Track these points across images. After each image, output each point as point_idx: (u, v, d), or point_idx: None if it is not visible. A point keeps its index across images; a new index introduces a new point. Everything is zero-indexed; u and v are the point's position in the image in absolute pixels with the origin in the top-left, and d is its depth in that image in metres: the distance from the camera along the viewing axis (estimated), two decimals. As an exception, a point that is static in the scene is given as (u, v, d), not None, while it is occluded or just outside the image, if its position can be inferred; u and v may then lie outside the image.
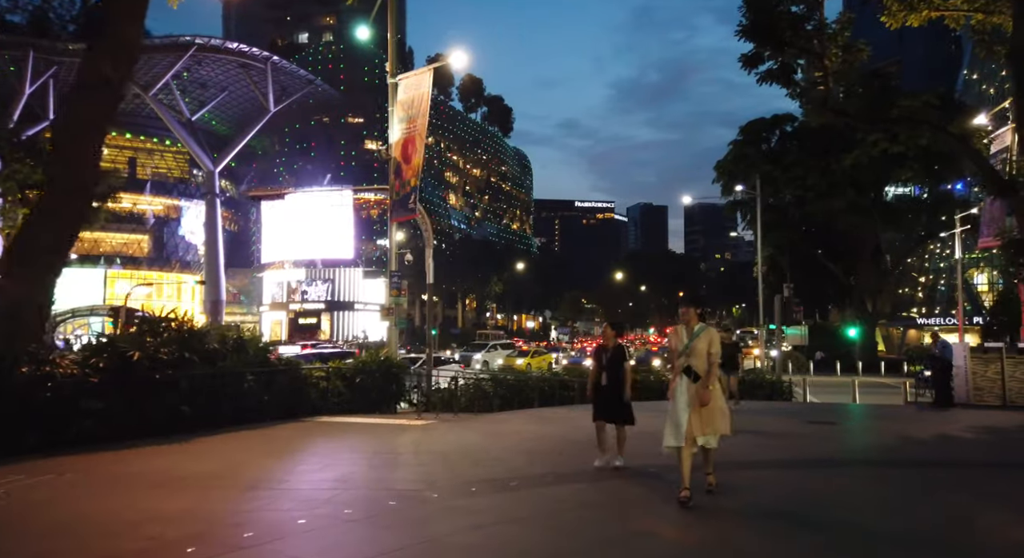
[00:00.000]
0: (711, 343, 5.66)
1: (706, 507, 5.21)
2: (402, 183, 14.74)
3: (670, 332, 6.06)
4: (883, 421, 12.24)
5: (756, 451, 8.23)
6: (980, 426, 11.07)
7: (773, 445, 8.83)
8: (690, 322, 5.79)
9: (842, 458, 7.95)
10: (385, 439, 9.08)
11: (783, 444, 8.87)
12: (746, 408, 14.22)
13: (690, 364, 5.61)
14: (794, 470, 7.14)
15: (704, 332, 5.70)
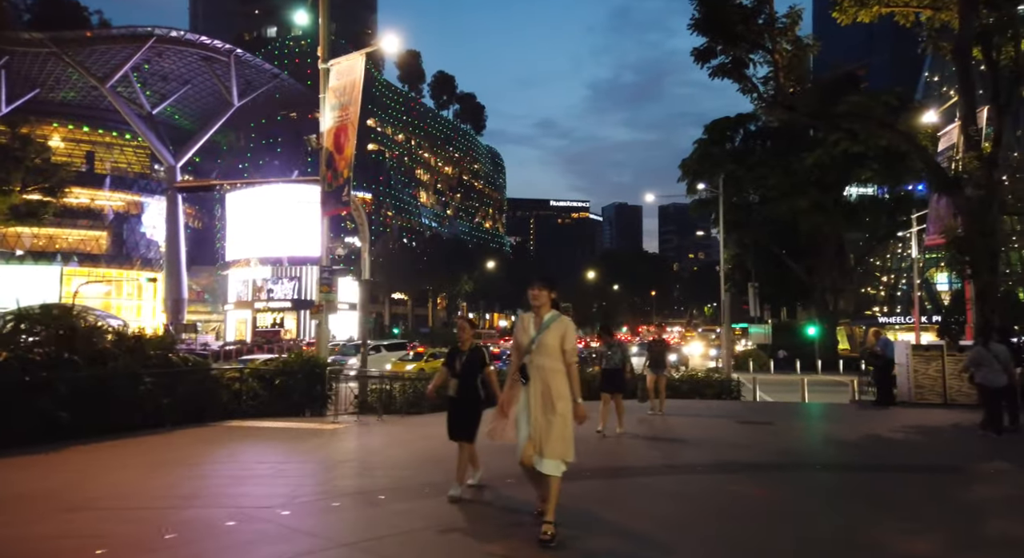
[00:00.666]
0: (564, 337, 4.43)
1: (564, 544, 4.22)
2: (335, 174, 14.07)
3: (516, 323, 4.75)
4: (819, 421, 11.95)
5: (663, 455, 7.79)
6: (912, 426, 10.83)
7: (684, 450, 8.41)
8: (541, 308, 4.54)
9: (756, 462, 7.54)
10: (282, 446, 8.47)
11: (698, 449, 8.44)
12: (688, 408, 13.87)
13: (537, 363, 4.37)
14: (702, 475, 6.70)
15: (556, 322, 4.45)
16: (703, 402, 15.32)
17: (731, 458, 7.67)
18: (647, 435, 9.49)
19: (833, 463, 7.62)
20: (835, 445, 8.93)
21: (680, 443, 8.85)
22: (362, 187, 78.60)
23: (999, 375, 9.64)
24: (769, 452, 8.40)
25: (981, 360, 9.80)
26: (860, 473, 7.02)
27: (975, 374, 9.93)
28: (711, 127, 42.99)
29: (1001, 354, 9.76)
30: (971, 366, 9.96)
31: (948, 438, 9.80)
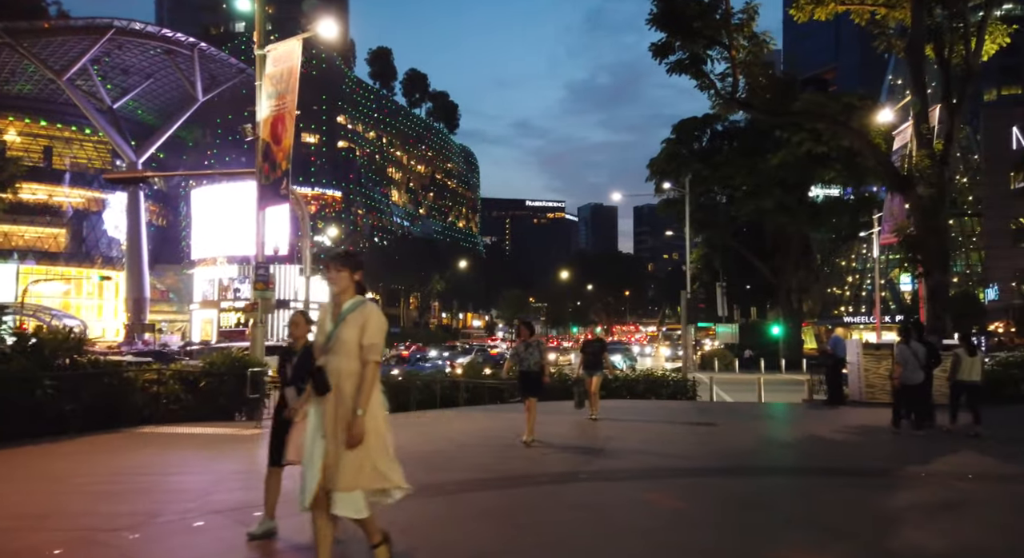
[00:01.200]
0: (364, 329, 3.35)
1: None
2: (272, 166, 13.43)
3: (319, 313, 3.63)
4: (763, 421, 11.69)
5: (583, 461, 7.38)
6: (855, 426, 10.63)
7: (611, 455, 8.03)
8: (341, 294, 3.49)
9: (683, 467, 7.18)
10: (183, 455, 7.89)
11: (627, 454, 8.06)
12: (635, 409, 13.53)
13: (331, 367, 3.31)
14: (619, 483, 6.31)
15: (355, 311, 3.38)
16: (656, 402, 15.04)
17: (657, 464, 7.31)
18: (574, 442, 9.00)
19: (762, 467, 7.31)
20: (771, 447, 8.64)
21: (608, 449, 8.35)
22: (332, 185, 77.46)
23: (916, 372, 9.87)
24: (701, 456, 8.06)
25: (906, 358, 9.91)
26: (785, 478, 6.73)
27: (901, 372, 10.06)
28: (679, 127, 43.03)
29: (919, 352, 9.96)
30: (901, 363, 10.05)
31: (885, 439, 9.59)
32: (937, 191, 14.98)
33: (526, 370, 8.83)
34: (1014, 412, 12.64)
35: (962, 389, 10.10)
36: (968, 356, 10.06)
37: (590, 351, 11.24)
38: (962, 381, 10.06)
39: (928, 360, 10.21)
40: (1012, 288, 45.95)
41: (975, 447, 8.72)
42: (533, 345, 8.92)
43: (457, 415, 12.53)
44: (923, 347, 10.18)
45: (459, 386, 15.53)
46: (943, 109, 15.58)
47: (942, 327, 14.67)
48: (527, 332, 9.12)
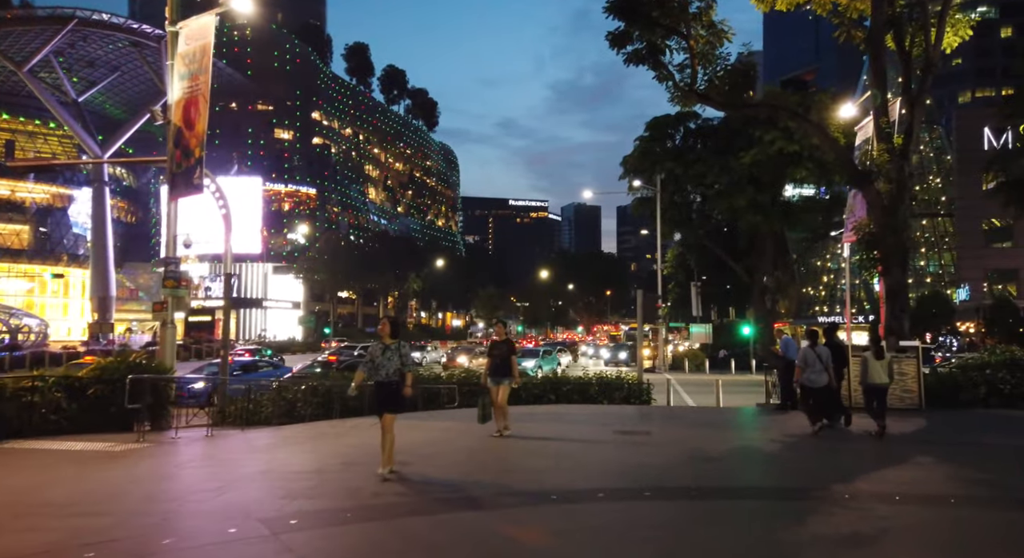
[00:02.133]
0: None
1: None
2: (184, 153, 12.53)
3: None
4: (704, 429, 10.91)
5: (449, 489, 6.63)
6: (796, 434, 10.02)
7: (511, 475, 7.28)
8: None
9: (578, 488, 6.43)
10: (20, 479, 7.03)
11: (526, 473, 7.33)
12: (570, 416, 12.83)
13: None
14: (484, 512, 5.59)
15: None
16: (602, 408, 14.33)
17: (551, 485, 6.52)
18: (456, 471, 7.46)
19: (670, 488, 6.54)
20: (692, 463, 7.87)
21: (488, 479, 7.21)
22: (306, 182, 76.14)
23: (820, 375, 9.86)
24: (608, 475, 7.23)
25: (808, 360, 9.95)
26: (689, 502, 6.01)
27: (800, 375, 10.08)
28: (652, 124, 42.43)
29: (823, 355, 9.97)
30: (801, 366, 10.05)
31: (823, 449, 8.95)
32: (896, 187, 14.46)
33: (382, 380, 7.02)
34: (971, 418, 12.08)
35: (874, 392, 9.98)
36: (875, 359, 9.98)
37: (496, 355, 9.69)
38: (872, 384, 9.96)
39: (837, 363, 10.24)
40: (983, 288, 46.09)
41: (915, 460, 8.08)
42: (392, 349, 7.09)
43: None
44: (828, 350, 10.26)
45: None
46: (903, 102, 15.06)
47: (900, 327, 14.15)
48: (389, 328, 7.31)
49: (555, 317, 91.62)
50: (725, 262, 44.95)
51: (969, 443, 9.44)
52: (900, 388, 12.76)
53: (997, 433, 10.39)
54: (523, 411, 13.24)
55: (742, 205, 37.19)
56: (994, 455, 8.51)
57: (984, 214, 46.57)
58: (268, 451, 9.31)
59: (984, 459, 8.21)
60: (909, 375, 12.74)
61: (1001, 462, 8.05)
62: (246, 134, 73.85)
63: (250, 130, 73.79)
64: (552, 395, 15.10)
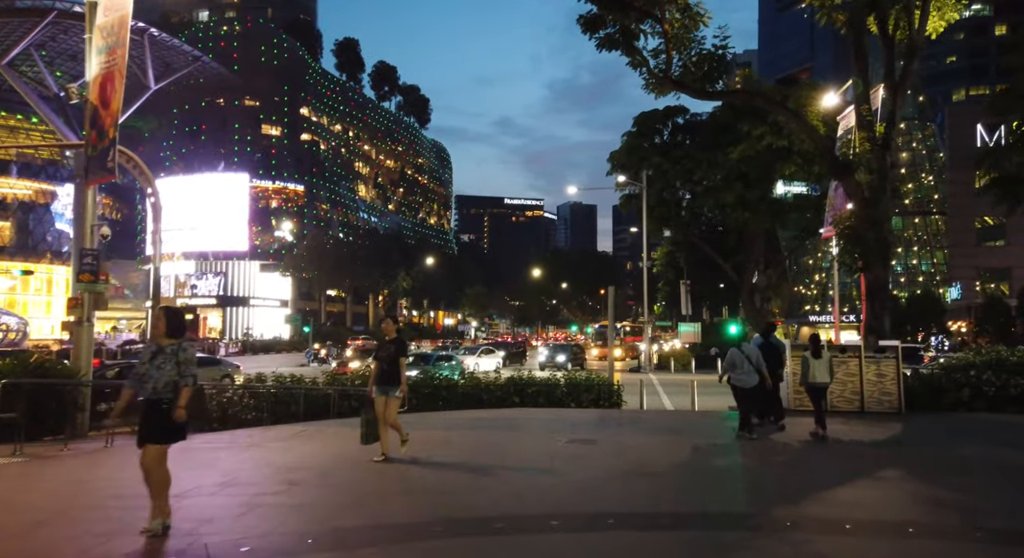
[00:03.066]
0: None
1: None
2: (99, 134, 11.62)
3: None
4: (658, 437, 10.02)
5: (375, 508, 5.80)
6: (767, 443, 9.22)
7: (391, 501, 6.46)
8: None
9: (461, 519, 5.55)
10: None
11: (404, 498, 6.49)
12: (520, 422, 12.03)
13: None
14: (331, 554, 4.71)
15: None
16: (566, 412, 13.53)
17: (429, 515, 5.59)
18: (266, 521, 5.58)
19: (586, 514, 5.61)
20: (626, 480, 6.96)
21: (389, 494, 6.45)
22: (294, 178, 75.18)
23: (750, 376, 9.59)
24: (508, 498, 6.14)
25: (735, 362, 9.70)
26: (599, 535, 5.09)
27: (730, 376, 9.82)
28: (639, 120, 41.68)
29: (752, 355, 9.71)
30: (727, 367, 9.84)
31: (780, 463, 8.13)
32: (878, 178, 13.71)
33: (150, 397, 5.15)
34: (952, 424, 11.33)
35: (816, 392, 9.74)
36: (814, 358, 9.71)
37: (383, 358, 7.81)
38: (812, 384, 9.73)
39: (772, 363, 10.08)
40: (975, 287, 45.47)
41: (879, 475, 7.22)
42: (167, 353, 5.25)
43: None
44: (757, 349, 10.03)
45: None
46: (886, 88, 14.33)
47: (881, 326, 13.40)
48: (165, 324, 5.41)
49: (546, 316, 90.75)
50: (716, 260, 44.35)
51: (945, 454, 8.65)
52: (879, 391, 12.03)
53: (977, 441, 9.66)
54: (475, 417, 12.42)
55: (730, 201, 36.52)
56: (970, 468, 7.74)
57: (976, 212, 45.96)
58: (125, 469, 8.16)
59: (958, 474, 7.41)
60: (888, 377, 12.01)
61: (977, 478, 7.23)
62: (232, 130, 72.83)
63: (237, 125, 72.78)
64: (516, 398, 14.29)
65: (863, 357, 12.00)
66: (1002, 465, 7.95)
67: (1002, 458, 8.32)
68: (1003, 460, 8.21)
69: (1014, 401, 11.98)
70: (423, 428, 10.81)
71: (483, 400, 14.18)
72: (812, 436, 9.48)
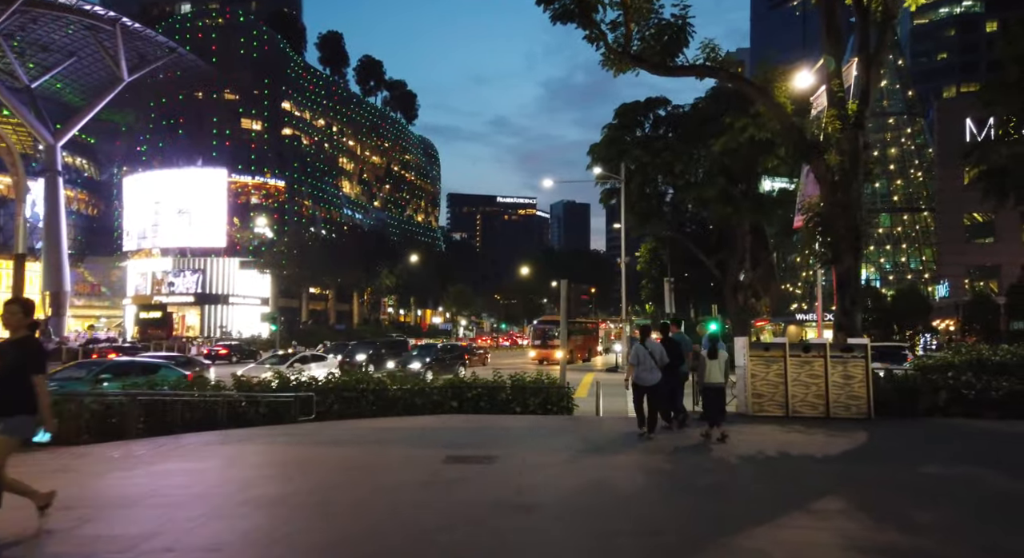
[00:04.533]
0: None
1: None
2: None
3: None
4: (575, 452, 8.49)
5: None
6: (677, 458, 7.98)
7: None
8: None
9: None
10: None
11: None
12: (447, 430, 10.77)
13: None
14: None
15: None
16: (502, 417, 12.24)
17: None
18: None
19: None
20: (496, 512, 5.62)
21: None
22: (275, 174, 73.65)
23: (651, 373, 9.30)
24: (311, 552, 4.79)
25: (639, 358, 9.35)
26: None
27: (634, 372, 9.50)
28: (620, 111, 40.52)
29: (655, 352, 9.39)
30: (633, 363, 9.45)
31: (701, 489, 6.68)
32: (849, 160, 12.50)
33: None
34: (924, 432, 10.11)
35: (710, 392, 9.48)
36: (709, 358, 9.41)
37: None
38: (707, 384, 9.46)
39: (673, 360, 9.71)
40: (964, 285, 44.49)
41: (814, 507, 5.82)
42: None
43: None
44: (661, 346, 9.66)
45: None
46: (859, 62, 13.12)
47: (851, 323, 12.19)
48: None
49: (532, 314, 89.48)
50: (700, 257, 43.25)
51: (907, 473, 7.24)
52: (846, 395, 10.81)
53: (949, 455, 8.37)
54: (383, 426, 11.03)
55: (711, 196, 35.34)
56: (935, 495, 6.34)
57: (966, 208, 44.98)
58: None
59: (919, 504, 5.96)
60: (856, 379, 10.79)
61: (940, 512, 5.70)
62: (211, 124, 71.20)
63: (215, 120, 71.16)
64: (454, 402, 12.97)
65: (828, 357, 10.77)
66: (975, 488, 6.63)
67: (976, 479, 7.00)
68: (977, 481, 6.91)
69: (995, 405, 10.80)
70: (297, 440, 9.52)
71: (417, 405, 12.89)
72: (703, 437, 9.14)
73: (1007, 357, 11.06)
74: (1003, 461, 7.84)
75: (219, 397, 10.98)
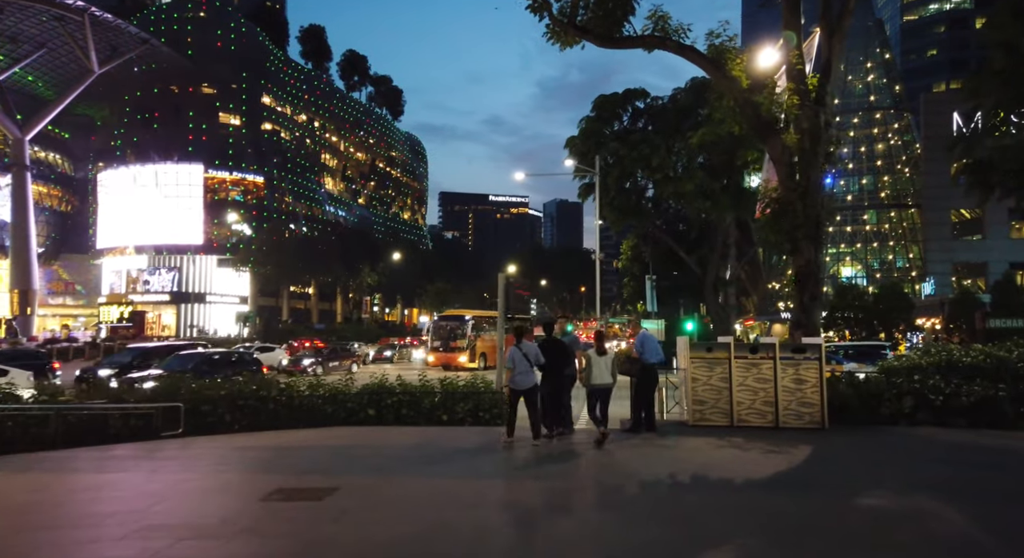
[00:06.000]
0: None
1: None
2: None
3: None
4: (457, 478, 7.15)
5: None
6: (599, 484, 6.68)
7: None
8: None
9: None
10: None
11: None
12: (303, 446, 9.44)
13: None
14: None
15: None
16: (414, 429, 10.93)
17: None
18: None
19: None
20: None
21: None
22: (253, 169, 72.09)
23: (526, 376, 8.73)
24: None
25: (514, 360, 8.82)
26: None
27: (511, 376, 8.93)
28: (598, 103, 39.33)
29: (530, 353, 8.81)
30: (510, 367, 8.89)
31: (558, 540, 5.08)
32: (809, 139, 11.28)
33: None
34: (882, 445, 8.86)
35: (597, 394, 8.93)
36: (597, 356, 8.89)
37: None
38: (594, 385, 8.90)
39: (556, 361, 9.05)
40: (952, 282, 43.47)
41: (666, 544, 4.66)
42: None
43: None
44: (536, 347, 8.99)
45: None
46: (821, 31, 11.89)
47: (810, 320, 10.96)
48: None
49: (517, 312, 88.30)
50: (679, 254, 42.12)
51: (839, 508, 5.69)
52: (797, 401, 9.55)
53: (900, 479, 6.81)
54: (258, 444, 9.67)
55: (689, 190, 34.17)
56: (864, 543, 4.77)
57: (952, 205, 43.95)
58: None
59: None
60: (809, 383, 9.53)
61: None
62: (187, 118, 69.48)
63: (191, 114, 69.47)
64: (371, 410, 11.62)
65: (778, 358, 9.51)
66: (927, 531, 5.03)
67: (929, 517, 5.34)
68: (930, 521, 5.27)
69: (966, 412, 9.58)
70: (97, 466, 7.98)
71: (329, 413, 11.55)
72: (597, 444, 8.56)
73: (980, 359, 9.84)
74: (968, 488, 6.41)
75: (48, 410, 9.40)
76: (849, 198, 58.61)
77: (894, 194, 57.33)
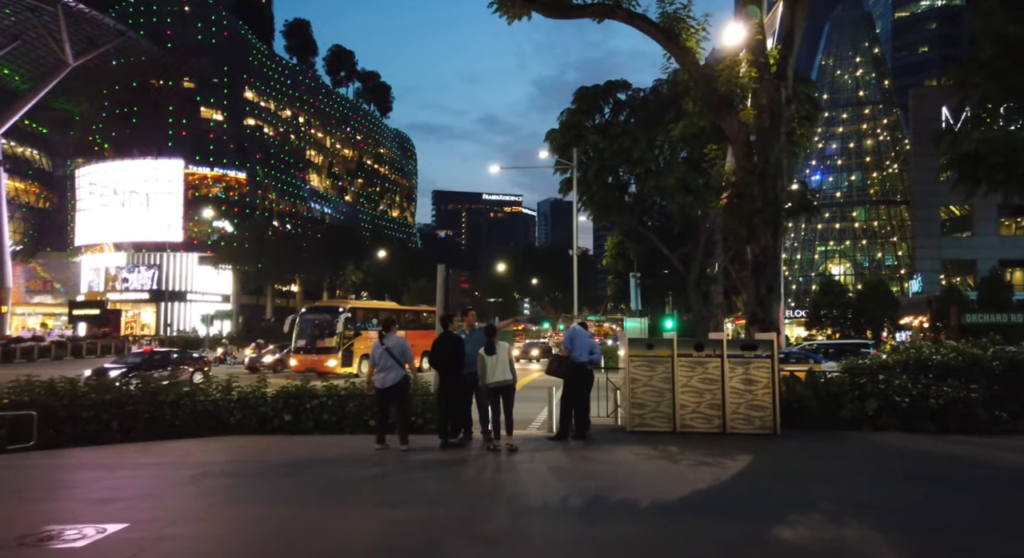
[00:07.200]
0: None
1: None
2: None
3: None
4: (304, 504, 5.88)
5: None
6: (415, 510, 5.62)
7: None
8: None
9: None
10: None
11: None
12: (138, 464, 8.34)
13: None
14: None
15: None
16: (311, 438, 9.81)
17: None
18: None
19: None
20: None
21: None
22: (235, 165, 70.86)
23: (388, 373, 8.17)
24: None
25: (375, 357, 8.27)
26: None
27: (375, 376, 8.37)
28: (579, 95, 38.31)
29: (394, 349, 8.22)
30: (372, 364, 8.36)
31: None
32: (769, 116, 10.31)
33: None
34: (838, 454, 7.86)
35: (497, 393, 8.00)
36: (488, 355, 8.04)
37: None
38: (491, 385, 7.96)
39: (452, 359, 8.26)
40: (940, 280, 42.65)
41: None
42: None
43: None
44: (401, 342, 8.37)
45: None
46: (784, 2, 10.88)
47: (767, 314, 9.96)
48: None
49: (507, 311, 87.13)
50: (663, 251, 41.20)
51: (755, 544, 4.46)
52: (746, 404, 8.55)
53: (839, 496, 5.66)
54: (100, 461, 8.28)
55: (670, 184, 33.24)
56: None
57: (942, 201, 43.15)
58: None
59: None
60: (760, 384, 8.53)
61: None
62: (167, 112, 68.20)
63: (171, 108, 68.19)
64: (288, 415, 10.47)
65: (725, 357, 8.50)
66: None
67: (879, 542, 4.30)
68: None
69: (935, 415, 8.61)
70: None
71: (239, 420, 10.35)
72: (492, 450, 7.89)
73: (951, 357, 8.86)
74: (918, 514, 5.18)
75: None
76: (838, 194, 57.83)
77: (883, 191, 56.53)
